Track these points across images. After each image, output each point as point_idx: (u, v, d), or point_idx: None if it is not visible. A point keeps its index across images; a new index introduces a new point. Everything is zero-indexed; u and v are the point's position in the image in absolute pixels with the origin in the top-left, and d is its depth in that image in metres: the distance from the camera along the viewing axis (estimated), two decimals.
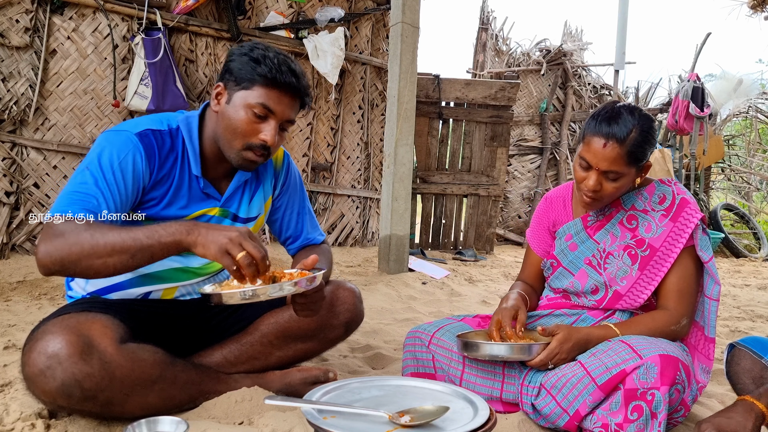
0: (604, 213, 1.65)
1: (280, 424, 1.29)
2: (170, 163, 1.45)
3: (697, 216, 1.54)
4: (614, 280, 1.59)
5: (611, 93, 7.61)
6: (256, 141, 1.41)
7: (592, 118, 1.52)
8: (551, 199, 1.81)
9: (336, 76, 4.90)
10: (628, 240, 1.59)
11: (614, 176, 1.49)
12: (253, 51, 1.40)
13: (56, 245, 1.20)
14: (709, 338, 1.55)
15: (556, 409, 1.39)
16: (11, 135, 3.65)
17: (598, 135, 1.47)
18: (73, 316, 1.27)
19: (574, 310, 1.67)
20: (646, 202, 1.61)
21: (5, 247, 3.60)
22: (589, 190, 1.52)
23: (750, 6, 5.08)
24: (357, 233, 5.57)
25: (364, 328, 2.50)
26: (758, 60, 18.14)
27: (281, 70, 1.38)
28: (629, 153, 1.46)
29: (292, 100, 1.43)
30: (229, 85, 1.43)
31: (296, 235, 1.76)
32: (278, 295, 1.24)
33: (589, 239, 1.66)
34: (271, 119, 1.41)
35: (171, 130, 1.47)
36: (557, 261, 1.71)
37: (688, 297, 1.54)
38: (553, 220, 1.78)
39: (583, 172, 1.52)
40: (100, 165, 1.33)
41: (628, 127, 1.45)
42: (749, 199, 9.21)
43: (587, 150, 1.49)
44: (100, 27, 3.92)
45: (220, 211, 1.55)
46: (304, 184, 1.81)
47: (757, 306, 3.69)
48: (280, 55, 1.42)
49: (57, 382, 1.16)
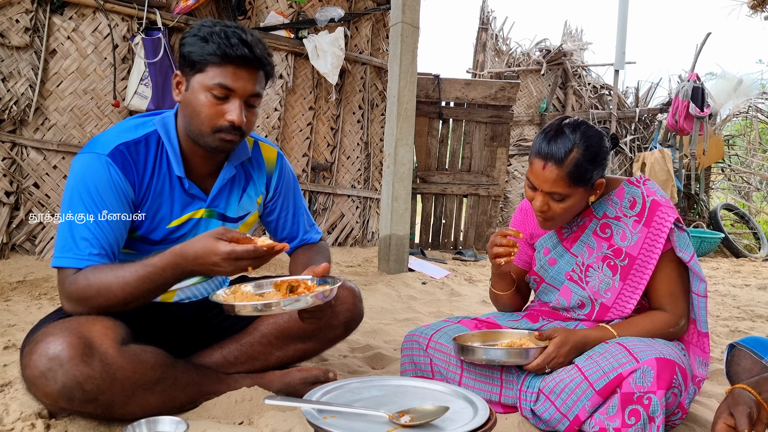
0: (577, 224, 1.61)
1: (280, 424, 1.29)
2: (150, 171, 1.41)
3: (670, 218, 1.49)
4: (598, 294, 1.56)
5: (611, 93, 7.61)
6: (223, 123, 1.34)
7: (537, 136, 1.49)
8: (526, 210, 1.76)
9: (336, 76, 4.90)
10: (605, 250, 1.56)
11: (559, 197, 1.46)
12: (201, 30, 1.32)
13: (75, 305, 1.30)
14: (702, 333, 1.53)
15: (556, 414, 1.38)
16: (11, 135, 3.65)
17: (538, 156, 1.44)
18: (74, 317, 1.27)
19: (567, 322, 1.64)
20: (617, 208, 1.56)
21: (5, 247, 3.60)
22: (538, 211, 1.50)
23: (750, 6, 5.08)
24: (357, 233, 5.57)
25: (364, 328, 2.50)
26: (758, 60, 18.12)
27: (231, 43, 1.30)
28: (569, 174, 1.42)
29: (250, 72, 1.34)
30: (185, 72, 1.36)
31: (292, 236, 1.73)
32: (292, 309, 1.24)
33: (567, 252, 1.62)
34: (234, 98, 1.33)
35: (147, 135, 1.42)
36: (539, 277, 1.69)
37: (681, 297, 1.52)
38: (530, 231, 1.74)
39: (531, 192, 1.50)
40: (83, 202, 1.32)
41: (567, 146, 1.41)
42: (749, 199, 9.21)
43: (530, 171, 1.47)
44: (100, 27, 3.92)
45: (207, 212, 1.50)
46: (303, 183, 1.80)
47: (757, 306, 3.69)
48: (230, 28, 1.32)
49: (58, 384, 1.16)
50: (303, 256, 1.69)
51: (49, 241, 3.75)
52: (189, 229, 1.49)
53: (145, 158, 1.40)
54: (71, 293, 1.29)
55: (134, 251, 1.46)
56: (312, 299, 1.25)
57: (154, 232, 1.45)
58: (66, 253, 1.30)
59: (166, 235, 1.46)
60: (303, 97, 5.09)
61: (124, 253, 1.46)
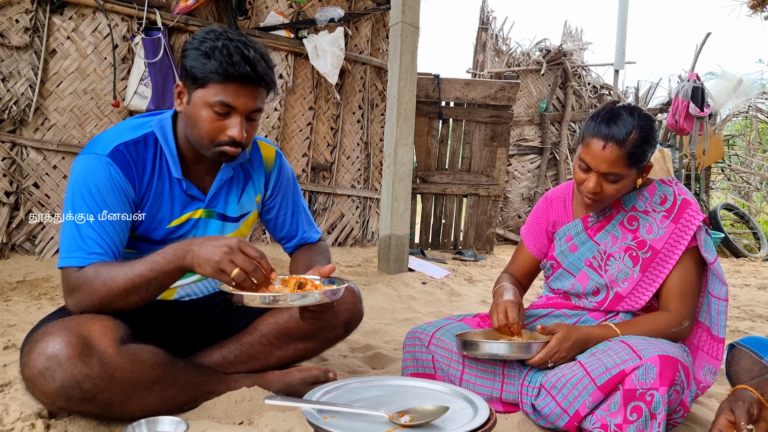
0: (604, 214, 1.64)
1: (280, 424, 1.29)
2: (149, 171, 1.42)
3: (699, 218, 1.53)
4: (615, 282, 1.58)
5: (611, 93, 7.61)
6: (224, 138, 1.35)
7: (591, 119, 1.50)
8: (551, 199, 1.79)
9: (336, 76, 4.90)
10: (629, 241, 1.58)
11: (614, 178, 1.47)
12: (203, 44, 1.32)
13: (78, 300, 1.30)
14: (718, 338, 1.54)
15: (556, 409, 1.39)
16: (11, 135, 3.64)
17: (597, 137, 1.46)
18: (73, 317, 1.27)
19: (574, 311, 1.66)
20: (647, 203, 1.59)
21: (5, 247, 3.60)
22: (590, 192, 1.50)
23: (750, 6, 5.08)
24: (357, 233, 5.57)
25: (364, 328, 2.50)
26: (758, 60, 18.14)
27: (233, 61, 1.29)
28: (629, 154, 1.44)
29: (252, 90, 1.34)
30: (186, 84, 1.36)
31: (292, 235, 1.74)
32: (299, 304, 1.24)
33: (590, 240, 1.65)
34: (235, 114, 1.34)
35: (145, 136, 1.42)
36: (557, 262, 1.70)
37: (690, 299, 1.53)
38: (553, 220, 1.76)
39: (583, 174, 1.51)
40: (85, 203, 1.33)
41: (627, 128, 1.43)
42: (749, 199, 9.21)
43: (586, 152, 1.48)
44: (100, 27, 3.92)
45: (205, 212, 1.51)
46: (303, 183, 1.81)
47: (757, 306, 3.69)
48: (232, 42, 1.31)
49: (56, 383, 1.16)
50: (304, 256, 1.69)
51: (49, 241, 3.75)
52: (188, 228, 1.50)
53: (145, 158, 1.41)
54: (77, 284, 1.29)
55: (136, 251, 1.47)
56: (320, 296, 1.25)
57: (155, 231, 1.45)
58: (73, 252, 1.31)
59: (166, 235, 1.47)
60: (303, 97, 5.09)
61: (126, 253, 1.46)
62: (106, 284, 1.27)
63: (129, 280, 1.26)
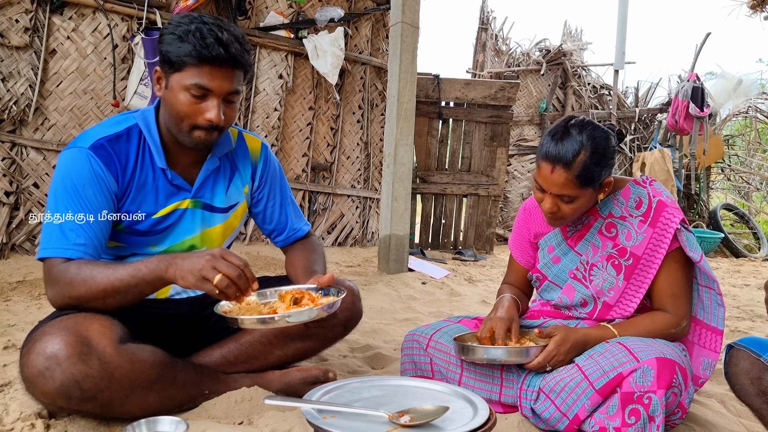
0: (582, 222, 1.61)
1: (279, 424, 1.29)
2: (132, 163, 1.43)
3: (676, 219, 1.49)
4: (602, 292, 1.56)
5: (611, 93, 7.61)
6: (201, 121, 1.36)
7: (544, 137, 1.48)
8: (529, 209, 1.75)
9: (336, 76, 4.89)
10: (610, 249, 1.56)
11: (568, 199, 1.45)
12: (178, 27, 1.32)
13: (57, 293, 1.31)
14: (718, 330, 1.52)
15: (556, 413, 1.38)
16: (11, 135, 3.64)
17: (546, 160, 1.43)
18: (72, 316, 1.27)
19: (569, 321, 1.64)
20: (623, 208, 1.56)
21: (5, 247, 3.60)
22: (548, 212, 1.50)
23: (750, 6, 5.08)
24: (357, 233, 5.57)
25: (364, 328, 2.50)
26: (758, 60, 18.13)
27: (206, 44, 1.30)
28: (578, 177, 1.41)
29: (227, 72, 1.35)
30: (164, 69, 1.37)
31: (281, 228, 1.74)
32: (296, 322, 1.25)
33: (571, 251, 1.62)
34: (212, 97, 1.35)
35: (128, 129, 1.45)
36: (542, 275, 1.69)
37: (683, 299, 1.52)
38: (534, 231, 1.73)
39: (540, 194, 1.50)
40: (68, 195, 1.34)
41: (574, 148, 1.40)
42: (749, 199, 9.21)
43: (539, 174, 1.47)
44: (99, 27, 3.92)
45: (192, 202, 1.52)
46: (302, 183, 1.81)
47: (757, 306, 3.69)
48: (206, 25, 1.32)
49: (56, 383, 1.16)
50: (301, 258, 1.68)
51: None
52: (175, 219, 1.51)
53: (127, 151, 1.43)
54: (58, 279, 1.30)
55: (122, 243, 1.48)
56: (317, 312, 1.26)
57: (140, 222, 1.46)
58: (53, 243, 1.32)
59: (152, 226, 1.48)
60: (303, 97, 5.09)
61: (112, 247, 1.48)
62: (87, 283, 1.27)
63: (109, 283, 1.27)
